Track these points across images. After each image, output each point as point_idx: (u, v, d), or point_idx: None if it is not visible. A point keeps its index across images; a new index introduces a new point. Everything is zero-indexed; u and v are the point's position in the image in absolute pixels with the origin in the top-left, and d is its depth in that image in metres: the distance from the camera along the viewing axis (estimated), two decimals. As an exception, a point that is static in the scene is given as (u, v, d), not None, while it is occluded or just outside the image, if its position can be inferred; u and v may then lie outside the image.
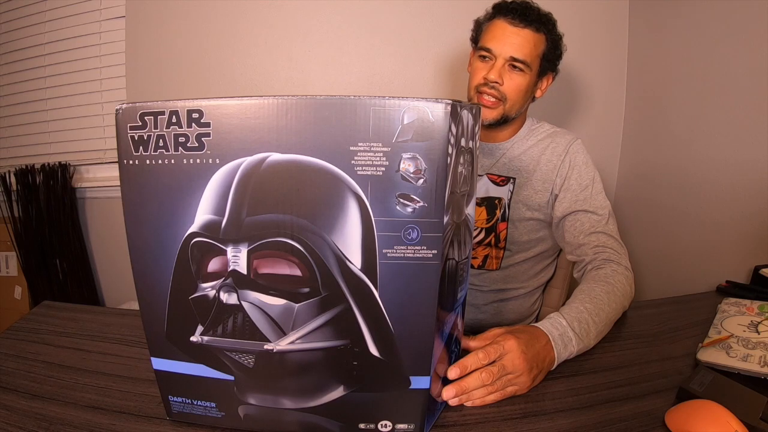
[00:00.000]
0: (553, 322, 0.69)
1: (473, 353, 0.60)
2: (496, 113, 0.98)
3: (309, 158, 0.46)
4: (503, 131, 1.05)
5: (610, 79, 1.62)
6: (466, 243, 0.58)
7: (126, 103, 0.48)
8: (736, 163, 1.17)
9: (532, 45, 0.94)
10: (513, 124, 1.05)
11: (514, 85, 0.96)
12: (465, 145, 0.52)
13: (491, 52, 0.96)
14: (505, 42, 0.94)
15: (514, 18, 0.94)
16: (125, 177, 0.50)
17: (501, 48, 0.95)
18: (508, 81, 0.95)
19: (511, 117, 1.00)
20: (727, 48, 1.20)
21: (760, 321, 0.77)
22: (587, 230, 0.93)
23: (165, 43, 1.68)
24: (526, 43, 0.94)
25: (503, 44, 0.94)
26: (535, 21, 0.94)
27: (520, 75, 0.95)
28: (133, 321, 0.86)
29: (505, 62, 0.95)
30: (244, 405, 0.55)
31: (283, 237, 0.48)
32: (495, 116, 0.98)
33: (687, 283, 1.31)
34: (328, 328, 0.50)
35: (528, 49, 0.94)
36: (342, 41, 1.63)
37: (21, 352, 0.75)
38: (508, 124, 1.03)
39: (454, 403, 0.60)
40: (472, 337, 0.67)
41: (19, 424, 0.57)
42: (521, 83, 0.96)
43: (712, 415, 0.53)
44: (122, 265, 1.58)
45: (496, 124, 1.00)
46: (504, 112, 0.98)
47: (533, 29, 0.94)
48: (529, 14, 0.94)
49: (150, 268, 0.52)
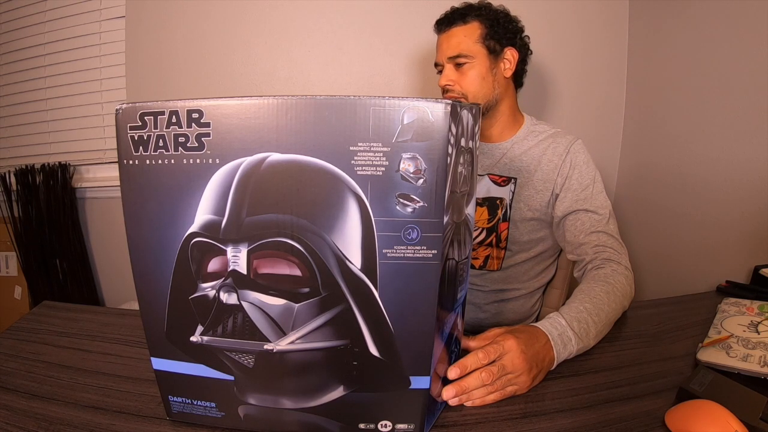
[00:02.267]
0: (552, 321, 0.69)
1: (473, 353, 0.61)
2: None
3: (309, 158, 0.46)
4: (495, 127, 1.06)
5: (610, 79, 1.62)
6: (466, 243, 0.58)
7: (126, 103, 0.48)
8: (736, 163, 1.17)
9: (463, 36, 0.99)
10: (501, 119, 1.05)
11: (466, 78, 1.00)
12: (465, 145, 0.52)
13: (439, 65, 1.04)
14: (441, 49, 1.02)
15: (441, 26, 1.03)
16: (125, 177, 0.50)
17: (441, 55, 1.02)
18: (458, 78, 1.00)
19: (483, 106, 1.01)
20: (727, 48, 1.20)
21: (760, 321, 0.77)
22: (588, 230, 0.93)
23: (165, 43, 1.67)
24: (456, 38, 0.99)
25: (441, 52, 1.02)
26: (459, 17, 1.00)
27: (467, 67, 1.00)
28: (133, 321, 0.86)
29: (449, 64, 1.01)
30: (244, 405, 0.55)
31: (283, 237, 0.48)
32: None
33: (687, 283, 1.31)
34: (328, 328, 0.50)
35: (460, 43, 0.99)
36: (342, 41, 1.63)
37: (21, 352, 0.75)
38: (495, 117, 1.05)
39: (454, 403, 0.60)
40: (471, 337, 0.67)
41: (19, 424, 0.57)
42: (472, 74, 0.99)
43: (712, 415, 0.53)
44: (122, 265, 1.58)
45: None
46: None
47: (460, 24, 0.99)
48: (453, 15, 1.00)
49: (150, 268, 0.52)
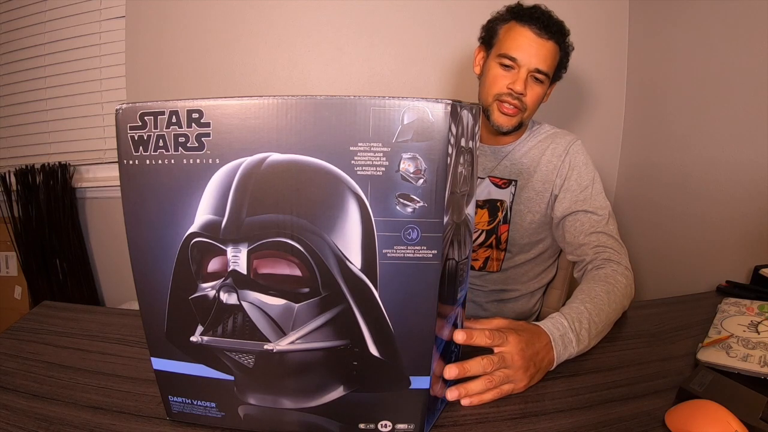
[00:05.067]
0: (554, 322, 0.68)
1: (477, 359, 0.60)
2: (515, 121, 0.98)
3: (309, 158, 0.46)
4: (511, 135, 1.06)
5: (610, 79, 1.62)
6: (466, 243, 0.58)
7: (126, 103, 0.48)
8: (736, 163, 1.17)
9: (553, 57, 0.95)
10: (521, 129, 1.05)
11: (534, 95, 0.96)
12: (465, 145, 0.52)
13: (516, 62, 0.94)
14: (532, 53, 0.93)
15: (540, 29, 0.92)
16: (125, 177, 0.50)
17: (528, 59, 0.93)
18: (530, 92, 0.95)
19: (526, 123, 1.02)
20: (727, 48, 1.20)
21: (760, 321, 0.77)
22: (587, 230, 0.93)
23: (165, 43, 1.68)
24: (550, 55, 0.94)
25: (530, 55, 0.93)
26: (557, 33, 0.94)
27: (539, 86, 0.96)
28: (133, 321, 0.86)
29: (529, 73, 0.94)
30: (244, 405, 0.55)
31: (283, 237, 0.48)
32: (514, 124, 0.98)
33: (687, 283, 1.31)
34: (328, 328, 0.50)
35: (551, 62, 0.95)
36: (342, 41, 1.63)
37: (21, 352, 0.75)
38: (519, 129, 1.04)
39: (454, 398, 0.59)
40: (474, 320, 0.66)
41: (19, 424, 0.57)
42: (540, 93, 0.97)
43: (712, 415, 0.52)
44: (122, 265, 1.58)
45: (512, 131, 1.01)
46: (522, 120, 0.99)
47: (555, 41, 0.94)
48: (552, 26, 0.93)
49: (150, 268, 0.52)
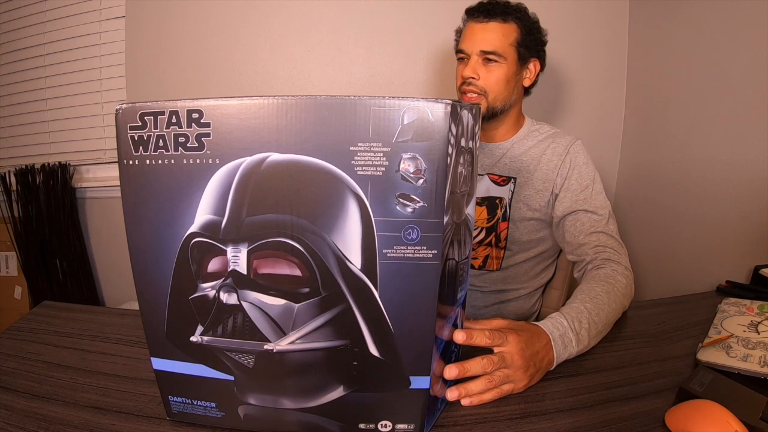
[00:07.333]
0: (554, 322, 0.68)
1: (477, 359, 0.60)
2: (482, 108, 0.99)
3: (309, 158, 0.46)
4: (500, 129, 1.06)
5: (610, 79, 1.62)
6: (466, 243, 0.58)
7: (126, 103, 0.48)
8: (736, 163, 1.17)
9: (501, 35, 0.97)
10: (508, 121, 1.05)
11: (492, 77, 0.98)
12: (465, 145, 0.52)
13: (464, 52, 1.00)
14: (474, 39, 0.99)
15: (479, 16, 0.99)
16: (125, 177, 0.50)
17: (471, 45, 0.99)
18: (485, 74, 0.98)
19: (498, 109, 1.01)
20: (727, 48, 1.20)
21: (760, 321, 0.77)
22: (587, 230, 0.93)
23: (165, 43, 1.68)
24: (494, 34, 0.97)
25: (473, 41, 0.99)
26: (501, 13, 0.97)
27: (496, 66, 0.98)
28: (133, 321, 0.86)
29: (479, 57, 0.98)
30: (244, 405, 0.55)
31: (283, 237, 0.48)
32: (483, 111, 0.99)
33: (687, 283, 1.31)
34: (328, 328, 0.50)
35: (497, 40, 0.97)
36: (342, 41, 1.63)
37: (21, 352, 0.75)
38: (502, 120, 1.04)
39: (454, 398, 0.59)
40: (473, 321, 0.66)
41: (19, 424, 0.57)
42: (499, 74, 0.98)
43: (712, 415, 0.52)
44: (122, 265, 1.58)
45: (486, 119, 1.01)
46: (488, 104, 1.00)
47: (500, 20, 0.97)
48: (494, 8, 0.98)
49: (150, 268, 0.52)
